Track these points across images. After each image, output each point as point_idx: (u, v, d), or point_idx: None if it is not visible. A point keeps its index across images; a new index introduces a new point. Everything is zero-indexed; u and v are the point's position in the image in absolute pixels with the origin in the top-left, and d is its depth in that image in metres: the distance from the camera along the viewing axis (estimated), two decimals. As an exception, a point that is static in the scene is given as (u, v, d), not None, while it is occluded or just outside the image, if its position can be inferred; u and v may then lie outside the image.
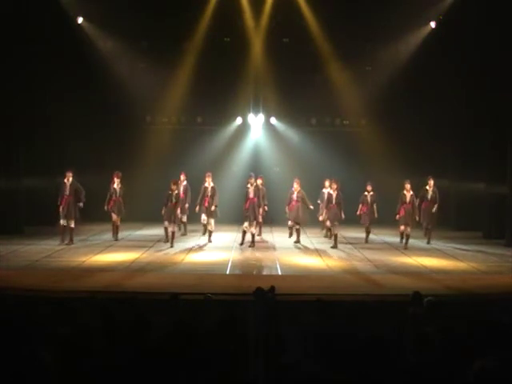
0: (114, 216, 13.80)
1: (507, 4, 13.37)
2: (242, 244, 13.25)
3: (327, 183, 14.30)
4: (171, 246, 12.95)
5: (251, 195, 13.25)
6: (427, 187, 13.87)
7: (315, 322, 5.77)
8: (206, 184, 13.83)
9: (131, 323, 5.51)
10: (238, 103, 17.42)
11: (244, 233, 13.35)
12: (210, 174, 13.97)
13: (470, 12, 14.15)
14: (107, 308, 5.93)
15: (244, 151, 18.00)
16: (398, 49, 16.57)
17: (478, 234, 15.14)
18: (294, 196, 13.81)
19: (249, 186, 13.32)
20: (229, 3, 16.05)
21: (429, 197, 13.83)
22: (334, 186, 13.56)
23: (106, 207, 13.74)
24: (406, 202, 13.49)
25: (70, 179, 13.17)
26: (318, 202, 14.54)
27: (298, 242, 13.78)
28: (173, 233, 13.11)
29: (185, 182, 14.32)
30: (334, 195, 13.53)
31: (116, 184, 13.76)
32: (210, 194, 13.76)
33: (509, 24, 13.43)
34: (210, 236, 13.85)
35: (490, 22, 13.82)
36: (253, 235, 13.37)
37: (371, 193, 14.02)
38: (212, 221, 13.80)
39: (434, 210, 13.75)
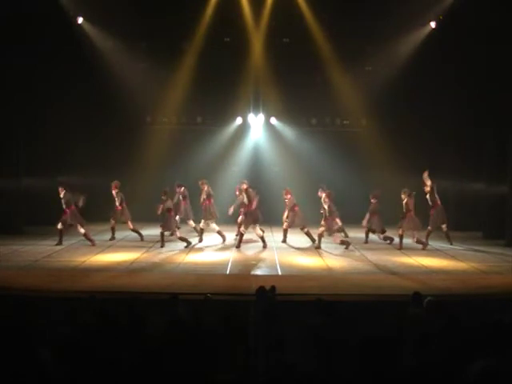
0: (113, 222, 14.04)
1: (507, 3, 13.37)
2: (238, 247, 13.24)
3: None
4: (162, 246, 13.07)
5: (253, 198, 13.30)
6: (426, 192, 13.44)
7: (315, 322, 5.78)
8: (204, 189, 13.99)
9: (131, 323, 5.51)
10: (238, 103, 17.40)
11: (242, 236, 13.34)
12: (204, 181, 14.13)
13: (470, 12, 14.15)
14: (107, 308, 5.94)
15: (244, 151, 17.98)
16: (398, 49, 16.52)
17: (478, 234, 15.13)
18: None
19: (251, 189, 13.34)
20: (229, 3, 16.05)
21: (436, 199, 13.43)
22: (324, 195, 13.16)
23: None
24: (410, 210, 13.21)
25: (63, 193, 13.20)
26: None
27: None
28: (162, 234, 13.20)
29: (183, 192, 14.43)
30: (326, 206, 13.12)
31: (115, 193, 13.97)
32: (206, 197, 13.95)
33: (509, 23, 13.43)
34: (221, 234, 13.95)
35: (491, 21, 13.81)
36: (262, 237, 13.31)
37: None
38: (211, 222, 13.93)
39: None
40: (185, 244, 13.16)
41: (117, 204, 13.99)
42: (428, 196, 13.46)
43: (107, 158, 16.20)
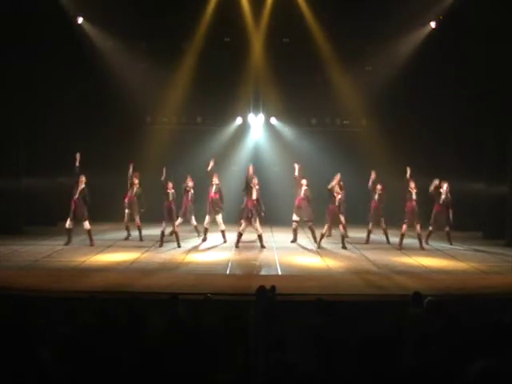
0: (127, 212, 14.13)
1: (507, 3, 13.37)
2: (237, 246, 13.23)
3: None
4: (160, 246, 13.05)
5: (255, 196, 13.21)
6: (441, 190, 13.55)
7: (315, 322, 5.78)
8: (213, 182, 13.86)
9: (131, 323, 5.51)
10: (238, 103, 17.40)
11: (240, 235, 13.32)
12: (216, 174, 14.03)
13: (470, 12, 14.15)
14: (107, 308, 5.94)
15: (244, 151, 17.98)
16: (398, 49, 16.53)
17: (478, 234, 15.13)
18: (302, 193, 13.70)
19: (252, 186, 13.24)
20: (229, 3, 16.05)
21: (441, 201, 13.56)
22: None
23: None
24: (411, 199, 13.28)
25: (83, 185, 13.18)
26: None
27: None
28: (162, 232, 13.16)
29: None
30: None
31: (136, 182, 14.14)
32: (214, 191, 13.85)
33: (509, 23, 13.43)
34: (224, 236, 13.89)
35: (491, 21, 13.82)
36: (260, 236, 13.28)
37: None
38: (219, 218, 13.85)
39: (451, 216, 13.53)
40: (175, 243, 13.16)
41: (133, 194, 14.03)
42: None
43: (107, 158, 16.19)
